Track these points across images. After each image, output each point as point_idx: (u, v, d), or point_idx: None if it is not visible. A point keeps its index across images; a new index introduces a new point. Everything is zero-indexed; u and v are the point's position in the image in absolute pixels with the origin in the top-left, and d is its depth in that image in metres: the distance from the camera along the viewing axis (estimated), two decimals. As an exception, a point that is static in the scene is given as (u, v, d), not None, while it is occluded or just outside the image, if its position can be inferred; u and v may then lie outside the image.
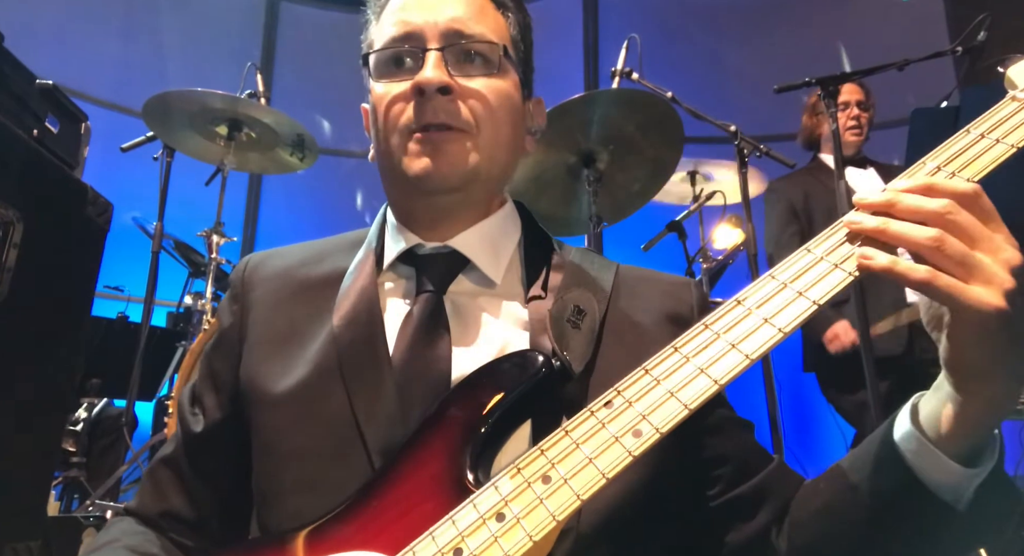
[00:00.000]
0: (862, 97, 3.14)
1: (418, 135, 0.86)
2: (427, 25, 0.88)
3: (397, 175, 0.89)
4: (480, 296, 0.89)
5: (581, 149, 2.50)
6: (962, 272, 0.60)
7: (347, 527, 0.71)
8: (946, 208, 0.61)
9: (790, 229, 3.08)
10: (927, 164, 0.69)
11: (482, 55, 0.89)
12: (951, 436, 0.65)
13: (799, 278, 0.66)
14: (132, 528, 0.91)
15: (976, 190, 0.63)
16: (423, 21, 0.88)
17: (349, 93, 1.34)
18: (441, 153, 0.86)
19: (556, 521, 0.61)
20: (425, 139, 0.86)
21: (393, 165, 0.89)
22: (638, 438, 0.62)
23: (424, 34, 0.88)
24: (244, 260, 1.00)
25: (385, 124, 0.89)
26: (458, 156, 0.86)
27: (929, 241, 0.60)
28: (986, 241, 0.61)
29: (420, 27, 0.88)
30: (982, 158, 0.67)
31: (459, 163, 0.86)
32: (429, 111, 0.85)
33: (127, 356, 2.96)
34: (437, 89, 0.84)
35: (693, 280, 0.97)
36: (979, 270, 0.60)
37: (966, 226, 0.61)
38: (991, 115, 0.71)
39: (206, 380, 0.95)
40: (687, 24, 5.59)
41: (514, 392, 0.73)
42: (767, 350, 0.63)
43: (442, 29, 0.88)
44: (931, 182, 0.64)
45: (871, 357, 2.21)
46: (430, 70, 0.85)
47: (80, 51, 4.89)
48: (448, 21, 0.88)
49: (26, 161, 1.60)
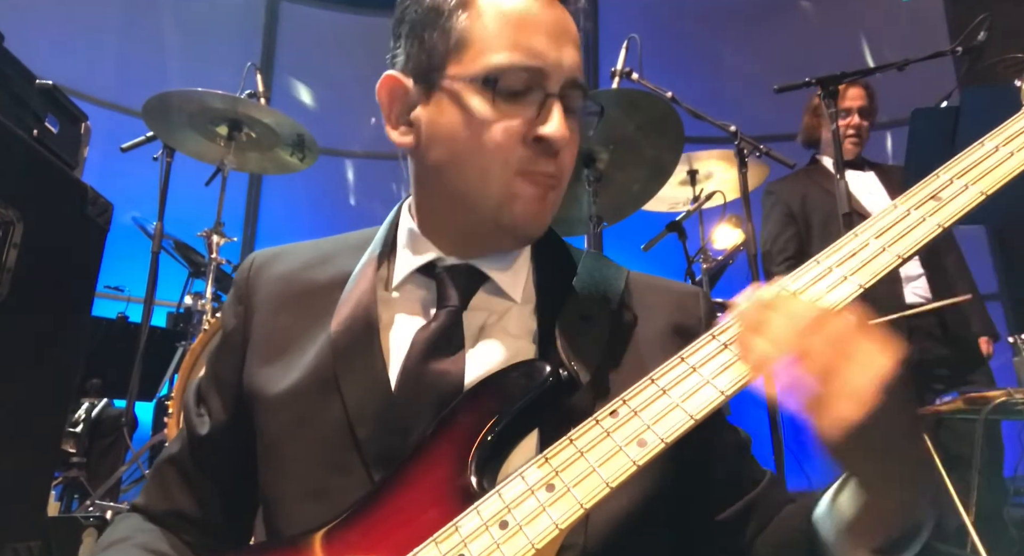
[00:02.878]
0: (865, 103, 3.11)
1: (530, 183, 0.82)
2: (555, 66, 0.81)
3: (481, 208, 0.83)
4: (497, 311, 0.88)
5: (581, 149, 2.48)
6: (826, 381, 0.60)
7: (351, 533, 0.71)
8: (820, 317, 0.62)
9: (787, 232, 3.08)
10: (940, 175, 0.70)
11: (581, 111, 0.87)
12: (858, 529, 0.67)
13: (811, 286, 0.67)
14: (140, 525, 0.91)
15: (835, 311, 0.63)
16: (555, 58, 0.81)
17: (349, 93, 1.34)
18: (547, 204, 0.85)
19: (559, 529, 0.61)
20: (537, 191, 0.83)
21: (483, 197, 0.83)
22: (643, 448, 0.62)
23: (551, 75, 0.81)
24: (249, 259, 0.98)
25: (487, 151, 0.81)
26: (553, 208, 0.86)
27: (801, 347, 0.61)
28: (855, 352, 0.60)
29: (550, 65, 0.81)
30: (996, 170, 0.68)
31: (551, 215, 0.86)
32: (546, 164, 0.82)
33: (127, 356, 2.96)
34: (559, 148, 0.81)
35: (702, 291, 0.96)
36: (843, 380, 0.59)
37: (836, 336, 0.61)
38: (1006, 127, 0.71)
39: (211, 381, 0.95)
40: (687, 24, 5.59)
41: (520, 401, 0.73)
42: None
43: (567, 77, 0.82)
44: (813, 306, 0.64)
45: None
46: (560, 126, 0.80)
47: (80, 51, 4.89)
48: (572, 67, 0.82)
49: (26, 161, 1.60)
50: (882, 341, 0.61)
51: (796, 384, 0.60)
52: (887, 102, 3.30)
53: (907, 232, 0.67)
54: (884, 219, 0.69)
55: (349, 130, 5.37)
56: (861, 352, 0.60)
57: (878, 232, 0.68)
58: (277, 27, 5.72)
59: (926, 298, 2.89)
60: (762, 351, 0.62)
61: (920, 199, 0.69)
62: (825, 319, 0.61)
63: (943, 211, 0.68)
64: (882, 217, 0.69)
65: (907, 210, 0.69)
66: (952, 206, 0.68)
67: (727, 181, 3.31)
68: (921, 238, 0.66)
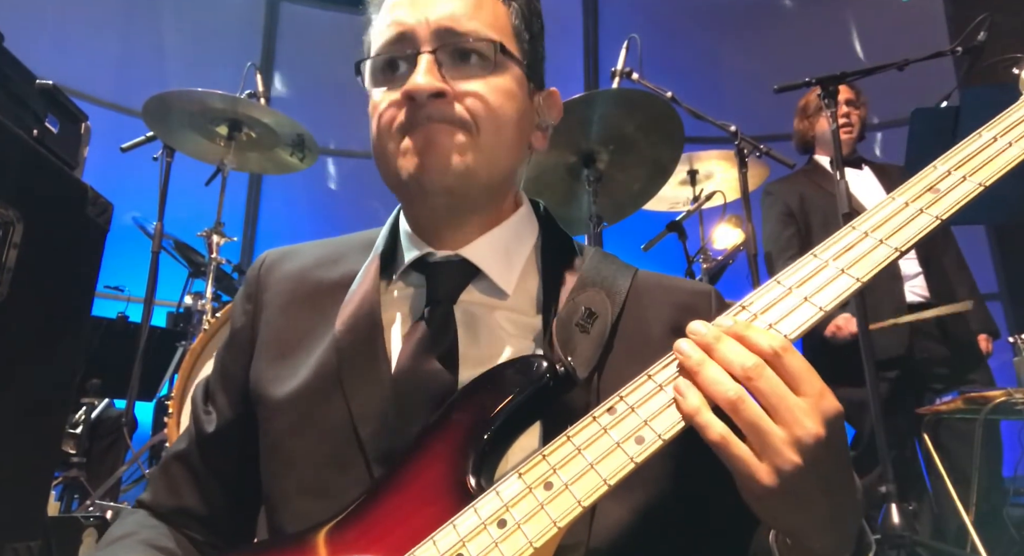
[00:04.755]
0: (851, 96, 3.14)
1: (410, 135, 0.82)
2: (419, 24, 0.84)
3: (393, 181, 0.86)
4: (490, 306, 0.87)
5: (581, 149, 2.50)
6: (752, 439, 0.59)
7: (350, 532, 0.71)
8: (751, 370, 0.60)
9: (787, 231, 3.09)
10: (938, 167, 0.68)
11: (478, 53, 0.84)
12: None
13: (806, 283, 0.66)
14: (146, 521, 0.91)
15: (782, 348, 0.61)
16: (415, 20, 0.84)
17: (349, 93, 1.34)
18: (432, 146, 0.81)
19: (557, 528, 0.61)
20: (416, 137, 0.82)
21: (389, 171, 0.85)
22: (640, 445, 0.62)
23: (416, 35, 0.84)
24: (261, 257, 0.99)
25: (379, 131, 0.86)
26: (449, 149, 0.81)
27: (728, 402, 0.60)
28: (784, 411, 0.58)
29: (412, 27, 0.84)
30: (995, 161, 0.67)
31: (453, 160, 0.81)
32: (422, 116, 0.82)
33: (127, 356, 2.96)
34: (429, 95, 0.81)
35: (714, 290, 0.93)
36: (766, 442, 0.58)
37: (766, 391, 0.59)
38: (1004, 117, 0.70)
39: (219, 379, 0.96)
40: (687, 24, 5.59)
41: (517, 397, 0.72)
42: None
43: (434, 28, 0.83)
44: (744, 333, 0.62)
45: (871, 357, 2.21)
46: (421, 76, 0.81)
47: (80, 51, 4.89)
48: (439, 19, 0.83)
49: (26, 161, 1.60)
50: (818, 394, 0.59)
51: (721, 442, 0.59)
52: (887, 102, 3.30)
53: (904, 225, 0.66)
54: (881, 212, 0.68)
55: (349, 130, 5.37)
56: (793, 411, 0.58)
57: (875, 225, 0.67)
58: (277, 27, 5.72)
59: (924, 297, 2.89)
60: (692, 403, 0.61)
61: (917, 191, 0.68)
62: (760, 369, 0.60)
63: (941, 203, 0.66)
64: (879, 210, 0.68)
65: (905, 202, 0.68)
66: (950, 198, 0.66)
67: (727, 181, 3.32)
68: (919, 231, 0.65)
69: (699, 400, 0.61)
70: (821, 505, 0.61)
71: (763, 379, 0.59)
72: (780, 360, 0.60)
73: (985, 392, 2.14)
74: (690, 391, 0.62)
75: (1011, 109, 0.70)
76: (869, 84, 3.15)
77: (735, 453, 0.59)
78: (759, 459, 0.58)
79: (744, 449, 0.59)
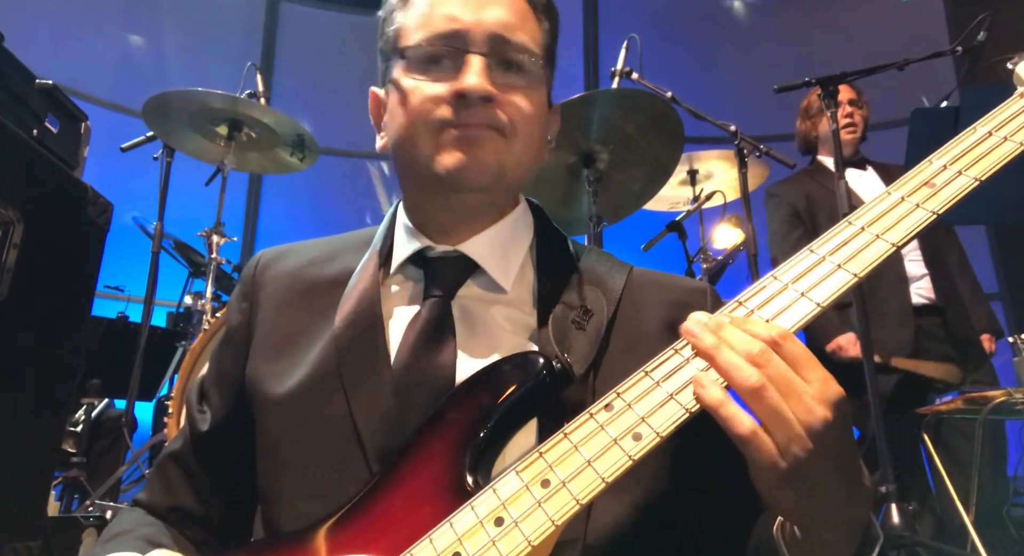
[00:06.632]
0: (853, 96, 3.13)
1: (454, 131, 0.83)
2: (474, 24, 0.84)
3: (421, 170, 0.86)
4: (488, 301, 0.88)
5: (581, 149, 2.49)
6: (772, 428, 0.57)
7: (346, 531, 0.71)
8: (758, 356, 0.58)
9: (795, 233, 3.05)
10: (933, 162, 0.69)
11: (522, 65, 0.87)
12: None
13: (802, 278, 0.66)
14: (143, 519, 0.92)
15: (782, 336, 0.60)
16: (471, 19, 0.84)
17: (349, 93, 1.34)
18: (477, 148, 0.83)
19: (555, 525, 0.61)
20: (461, 135, 0.83)
21: (417, 160, 0.85)
22: (638, 441, 0.62)
23: (470, 34, 0.84)
24: (256, 256, 0.99)
25: (412, 119, 0.85)
26: (492, 154, 0.83)
27: (751, 388, 0.57)
28: (794, 398, 0.58)
29: (467, 26, 0.84)
30: (989, 156, 0.67)
31: (492, 161, 0.83)
32: (469, 116, 0.83)
33: (127, 356, 2.96)
34: (481, 97, 0.82)
35: (710, 287, 0.93)
36: (787, 430, 0.57)
37: (776, 378, 0.58)
38: (999, 112, 0.70)
39: (214, 378, 0.96)
40: (687, 24, 5.59)
41: (514, 394, 0.72)
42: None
43: (488, 33, 0.84)
44: (744, 324, 0.61)
45: (872, 358, 2.21)
46: (475, 77, 0.82)
47: (80, 51, 4.89)
48: (495, 24, 0.85)
49: (26, 161, 1.60)
50: (822, 380, 0.59)
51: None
52: (887, 102, 3.30)
53: (901, 220, 0.66)
54: (878, 207, 0.68)
55: (349, 130, 5.37)
56: (800, 397, 0.57)
57: (871, 220, 0.67)
58: (277, 27, 5.72)
59: (929, 299, 2.89)
60: (715, 395, 0.59)
61: (913, 186, 0.68)
62: (768, 355, 0.58)
63: (937, 198, 0.67)
64: (875, 205, 0.68)
65: (901, 197, 0.68)
66: (946, 192, 0.67)
67: (727, 181, 3.32)
68: (915, 225, 0.65)
69: (722, 391, 0.59)
70: (834, 492, 0.60)
71: (771, 366, 0.58)
72: (782, 348, 0.59)
73: (985, 392, 2.14)
74: (710, 382, 0.59)
75: (1006, 104, 0.71)
76: (869, 84, 3.16)
77: (762, 445, 0.57)
78: (779, 448, 0.57)
79: (769, 440, 0.58)
